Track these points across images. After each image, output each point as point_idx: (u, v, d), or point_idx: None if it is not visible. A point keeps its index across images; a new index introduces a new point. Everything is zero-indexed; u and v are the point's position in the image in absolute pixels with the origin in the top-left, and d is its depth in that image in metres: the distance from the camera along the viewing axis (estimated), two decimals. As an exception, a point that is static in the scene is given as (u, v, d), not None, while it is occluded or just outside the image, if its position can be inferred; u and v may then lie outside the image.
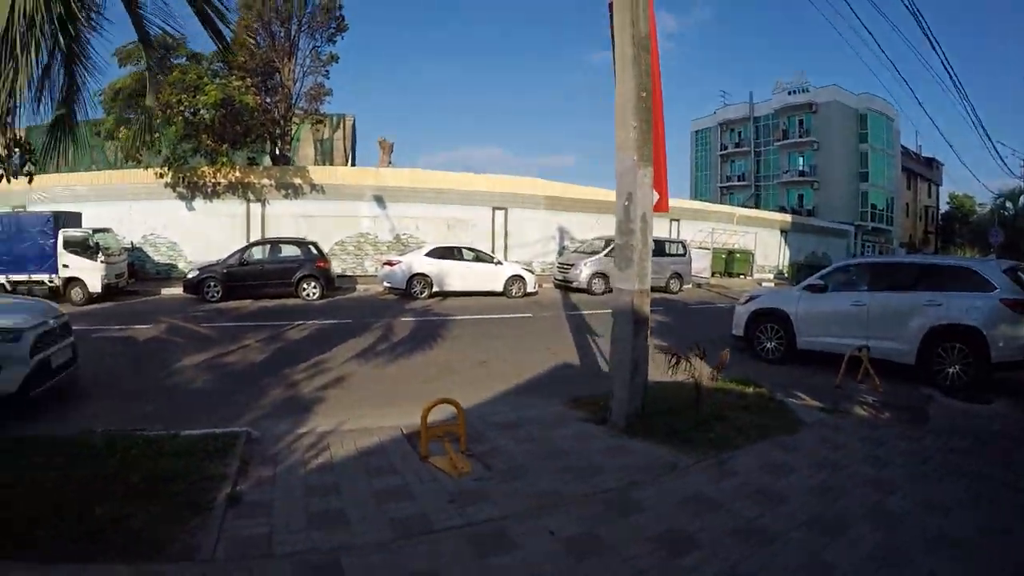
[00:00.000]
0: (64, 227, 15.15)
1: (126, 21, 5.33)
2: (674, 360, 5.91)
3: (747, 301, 9.84)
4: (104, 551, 3.12)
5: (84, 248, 14.52)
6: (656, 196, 5.81)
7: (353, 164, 27.91)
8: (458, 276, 16.37)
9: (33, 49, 3.95)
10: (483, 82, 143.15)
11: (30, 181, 6.49)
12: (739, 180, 50.83)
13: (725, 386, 6.76)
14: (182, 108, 18.68)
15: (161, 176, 19.54)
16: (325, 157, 27.08)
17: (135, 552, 3.13)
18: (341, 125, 28.03)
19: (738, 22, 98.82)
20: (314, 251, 16.03)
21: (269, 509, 3.73)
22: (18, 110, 4.30)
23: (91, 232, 15.23)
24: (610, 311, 5.96)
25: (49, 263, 14.66)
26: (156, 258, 20.43)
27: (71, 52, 4.89)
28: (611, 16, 5.71)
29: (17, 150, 5.95)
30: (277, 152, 23.52)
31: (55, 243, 14.65)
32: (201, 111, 19.10)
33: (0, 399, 5.47)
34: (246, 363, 8.39)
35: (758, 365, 8.64)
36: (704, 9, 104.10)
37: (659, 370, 6.24)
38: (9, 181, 6.05)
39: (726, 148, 52.44)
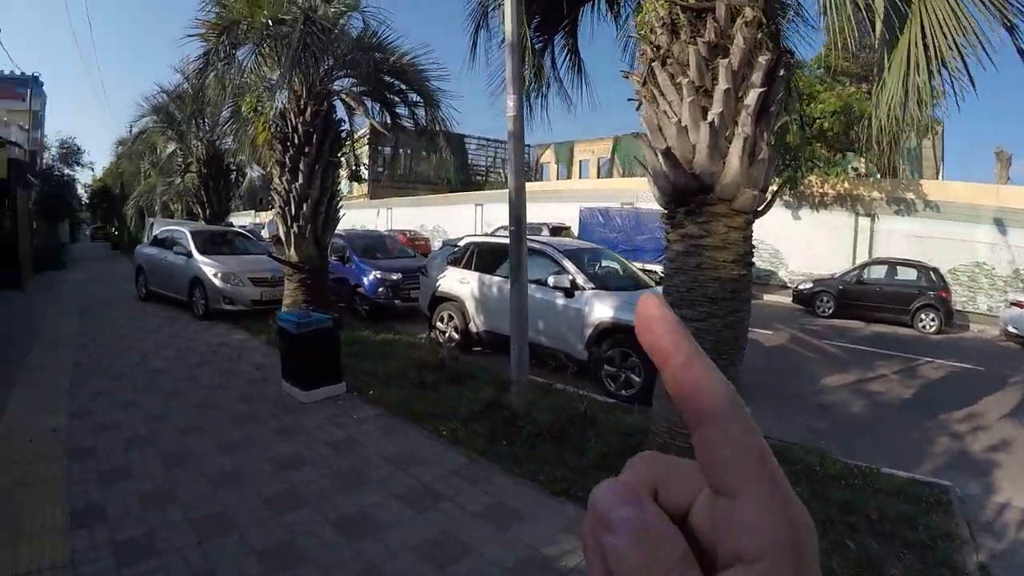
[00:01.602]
0: None
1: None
2: None
3: None
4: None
5: None
6: None
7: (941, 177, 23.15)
8: None
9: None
10: None
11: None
12: None
13: None
14: (794, 117, 18.93)
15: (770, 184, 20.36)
16: (913, 168, 23.31)
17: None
18: (929, 129, 23.44)
19: None
20: (935, 278, 13.99)
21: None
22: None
23: None
24: None
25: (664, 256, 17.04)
26: (758, 263, 21.50)
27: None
28: None
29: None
30: (888, 163, 21.53)
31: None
32: (818, 119, 18.98)
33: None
34: (893, 396, 7.79)
35: None
36: None
37: None
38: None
39: None
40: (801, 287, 15.33)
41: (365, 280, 10.85)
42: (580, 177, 36.16)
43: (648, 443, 4.49)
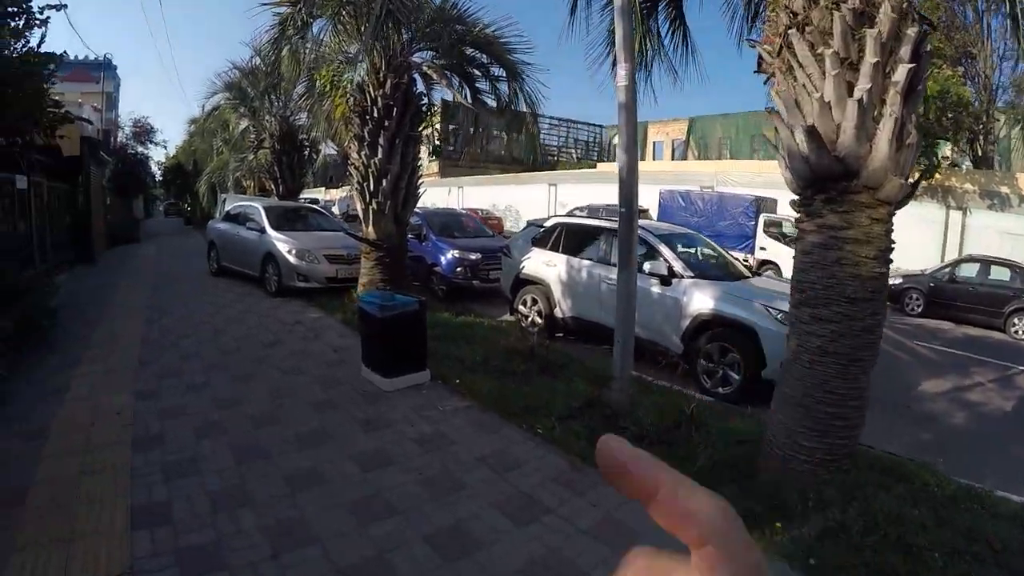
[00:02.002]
0: (763, 211, 16.31)
1: None
2: None
3: None
4: None
5: (782, 234, 15.29)
6: None
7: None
8: None
9: None
10: None
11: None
12: None
13: None
14: None
15: None
16: (1002, 160, 21.48)
17: None
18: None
19: None
20: (1031, 281, 12.71)
21: None
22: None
23: (790, 220, 16.11)
24: None
25: (747, 243, 16.03)
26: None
27: None
28: None
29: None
30: (979, 153, 19.98)
31: (755, 225, 15.88)
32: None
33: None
34: (993, 408, 6.91)
35: None
36: None
37: None
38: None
39: None
40: (892, 283, 14.26)
41: (442, 259, 10.39)
42: (653, 159, 35.26)
43: (763, 453, 3.99)
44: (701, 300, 6.38)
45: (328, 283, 9.37)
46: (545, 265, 8.30)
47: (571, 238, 8.30)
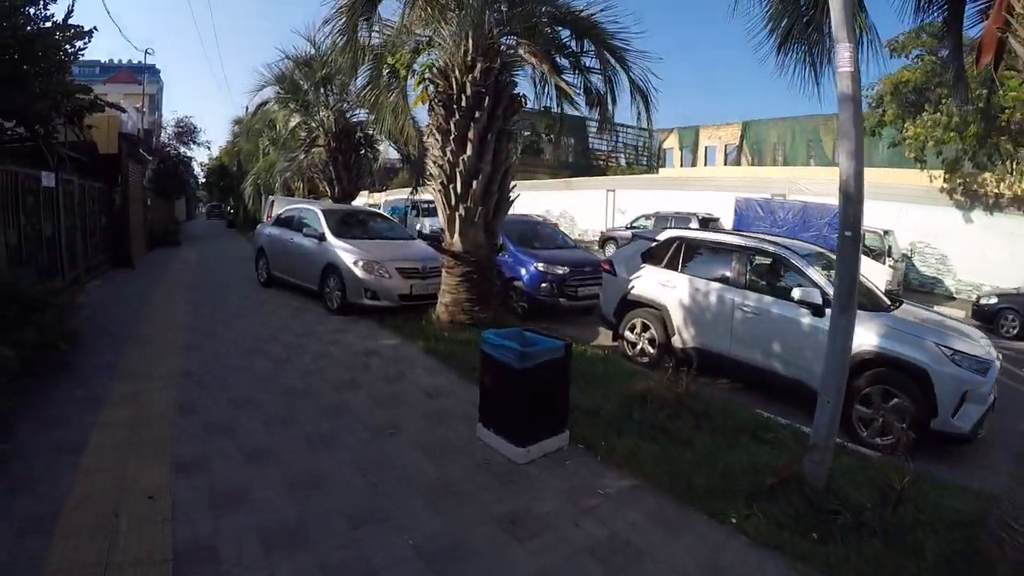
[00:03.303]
0: None
1: None
2: None
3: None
4: None
5: (871, 248, 14.02)
6: None
7: None
8: None
9: None
10: None
11: None
12: None
13: None
14: (981, 105, 16.19)
15: (935, 179, 17.79)
16: None
17: None
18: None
19: None
20: None
21: None
22: None
23: (883, 232, 14.62)
24: None
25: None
26: (922, 269, 18.74)
27: None
28: None
29: None
30: None
31: (841, 237, 14.70)
32: (1007, 109, 16.16)
33: (948, 436, 4.96)
34: None
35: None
36: None
37: None
38: None
39: None
40: (984, 301, 12.76)
41: (524, 272, 9.06)
42: (705, 164, 34.14)
43: (993, 536, 3.05)
44: (862, 335, 5.18)
45: (401, 301, 8.02)
46: (661, 286, 7.08)
47: (693, 255, 7.11)
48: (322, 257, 8.75)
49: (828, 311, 5.64)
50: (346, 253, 8.31)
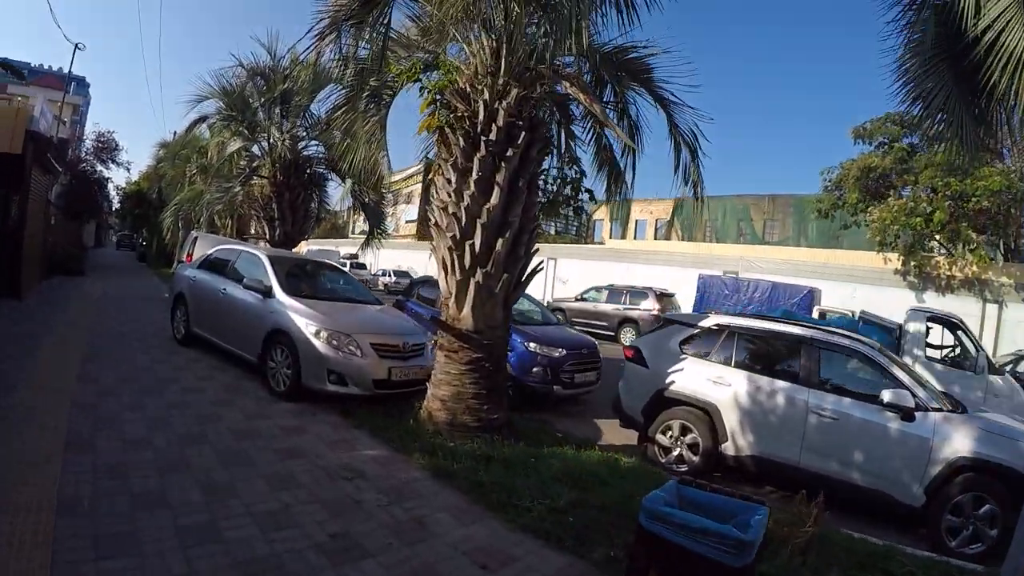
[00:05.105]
0: (818, 303, 15.80)
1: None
2: None
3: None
4: None
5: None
6: None
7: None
8: None
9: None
10: None
11: None
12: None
13: None
14: (949, 192, 17.16)
15: (888, 262, 18.44)
16: None
17: None
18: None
19: None
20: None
21: None
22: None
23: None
24: None
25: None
26: (876, 345, 19.03)
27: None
28: None
29: None
30: (1012, 245, 19.76)
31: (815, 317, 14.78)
32: (975, 197, 16.81)
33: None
34: None
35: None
36: None
37: None
38: None
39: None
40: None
41: (511, 354, 7.47)
42: (634, 238, 35.33)
43: None
44: (961, 441, 4.90)
45: (376, 389, 6.07)
46: (712, 382, 5.86)
47: (747, 346, 6.01)
48: (267, 320, 6.67)
49: (918, 415, 5.03)
50: (302, 318, 6.31)
